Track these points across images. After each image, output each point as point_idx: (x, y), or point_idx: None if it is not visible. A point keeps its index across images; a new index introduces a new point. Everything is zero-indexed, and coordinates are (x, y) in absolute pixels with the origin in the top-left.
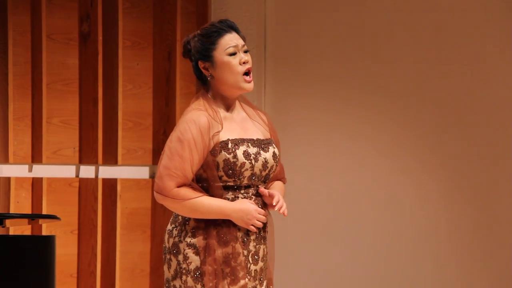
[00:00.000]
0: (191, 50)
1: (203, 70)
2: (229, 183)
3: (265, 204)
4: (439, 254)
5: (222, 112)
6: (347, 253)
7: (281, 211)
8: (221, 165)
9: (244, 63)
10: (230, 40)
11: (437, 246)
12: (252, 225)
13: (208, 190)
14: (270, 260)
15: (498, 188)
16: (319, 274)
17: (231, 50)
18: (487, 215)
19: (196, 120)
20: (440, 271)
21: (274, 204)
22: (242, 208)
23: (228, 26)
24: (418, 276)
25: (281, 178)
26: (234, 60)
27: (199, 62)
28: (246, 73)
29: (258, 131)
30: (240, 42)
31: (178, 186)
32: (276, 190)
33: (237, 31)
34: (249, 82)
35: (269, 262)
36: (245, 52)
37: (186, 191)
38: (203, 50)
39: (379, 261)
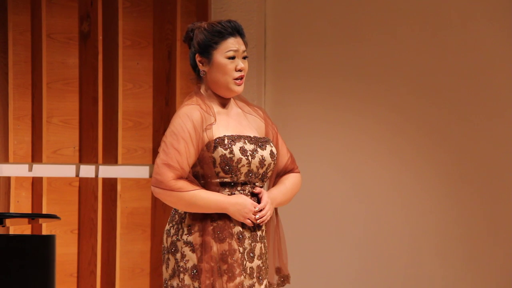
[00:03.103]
0: (192, 39)
1: (198, 64)
2: (226, 180)
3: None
4: (444, 249)
5: (216, 108)
6: (351, 248)
7: (258, 221)
8: (218, 161)
9: (239, 70)
10: (232, 44)
11: (442, 241)
12: (248, 218)
13: (205, 187)
14: (280, 256)
15: (503, 183)
16: (321, 270)
17: (230, 54)
18: (492, 210)
19: (189, 114)
20: (445, 266)
21: (255, 210)
22: (239, 201)
23: (235, 29)
24: (423, 272)
25: (292, 169)
26: (231, 65)
27: (197, 55)
28: (239, 78)
29: (253, 128)
30: (242, 47)
31: (176, 179)
32: (280, 189)
33: (242, 35)
34: (239, 85)
35: (280, 259)
36: (244, 58)
37: (184, 184)
38: (204, 46)
39: (384, 256)
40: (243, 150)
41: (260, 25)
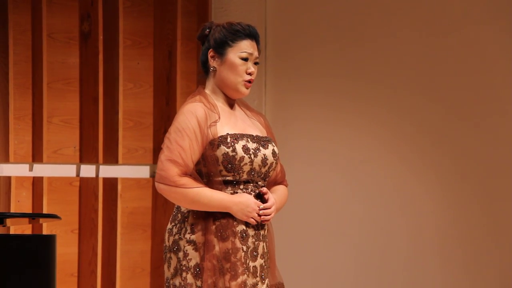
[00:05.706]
0: (207, 36)
1: (209, 59)
2: (228, 178)
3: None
4: (443, 249)
5: (221, 106)
6: (350, 248)
7: (261, 218)
8: (220, 159)
9: (249, 73)
10: (248, 47)
11: (441, 241)
12: (252, 217)
13: (207, 185)
14: (271, 259)
15: (503, 183)
16: (319, 271)
17: (244, 55)
18: (491, 210)
19: (193, 111)
20: (444, 266)
21: (259, 208)
22: (242, 200)
23: (252, 34)
24: (422, 272)
25: (282, 181)
26: (243, 66)
27: (211, 50)
28: (248, 81)
29: (257, 129)
30: (255, 53)
31: (180, 175)
32: (277, 195)
33: (257, 42)
34: (247, 87)
35: (272, 269)
36: (255, 63)
37: (188, 180)
38: (220, 42)
39: (383, 256)
40: (245, 149)
41: (260, 25)
